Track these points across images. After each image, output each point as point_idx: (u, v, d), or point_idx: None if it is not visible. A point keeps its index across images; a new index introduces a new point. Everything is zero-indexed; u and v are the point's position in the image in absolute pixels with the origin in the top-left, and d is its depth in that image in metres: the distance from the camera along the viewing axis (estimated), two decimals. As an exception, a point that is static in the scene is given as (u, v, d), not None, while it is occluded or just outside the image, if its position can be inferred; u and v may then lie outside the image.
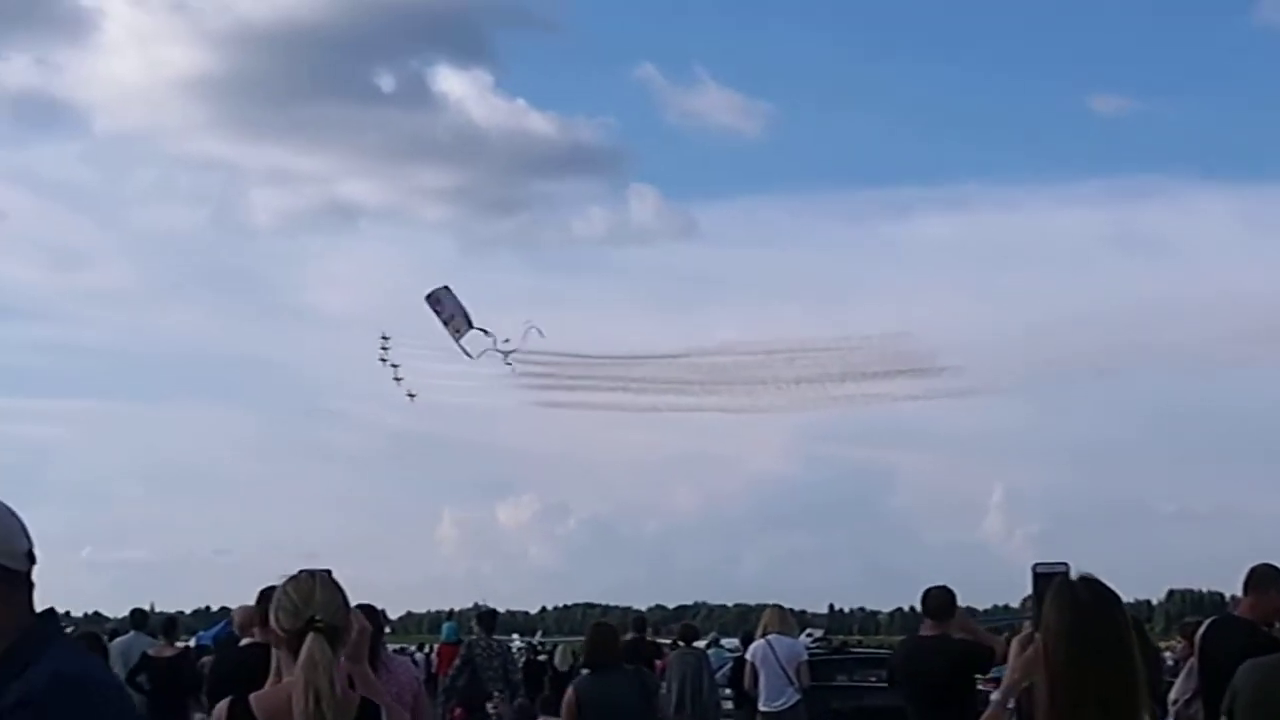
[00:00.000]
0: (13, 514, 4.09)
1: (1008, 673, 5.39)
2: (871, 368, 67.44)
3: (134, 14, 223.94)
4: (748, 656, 21.10)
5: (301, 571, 6.32)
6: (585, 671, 14.63)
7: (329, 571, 6.33)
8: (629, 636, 26.58)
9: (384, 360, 61.66)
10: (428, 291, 56.43)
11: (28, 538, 4.11)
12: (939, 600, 14.13)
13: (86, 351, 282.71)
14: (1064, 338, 75.14)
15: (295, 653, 6.04)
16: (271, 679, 6.32)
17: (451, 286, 56.38)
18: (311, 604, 6.11)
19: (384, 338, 62.25)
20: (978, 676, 14.30)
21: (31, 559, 4.10)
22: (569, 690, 14.34)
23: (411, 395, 62.39)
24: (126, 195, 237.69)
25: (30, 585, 4.10)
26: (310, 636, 6.00)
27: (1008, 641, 7.70)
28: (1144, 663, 5.18)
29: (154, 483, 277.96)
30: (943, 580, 14.39)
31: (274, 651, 6.36)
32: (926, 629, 14.13)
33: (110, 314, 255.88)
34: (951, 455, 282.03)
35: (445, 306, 55.66)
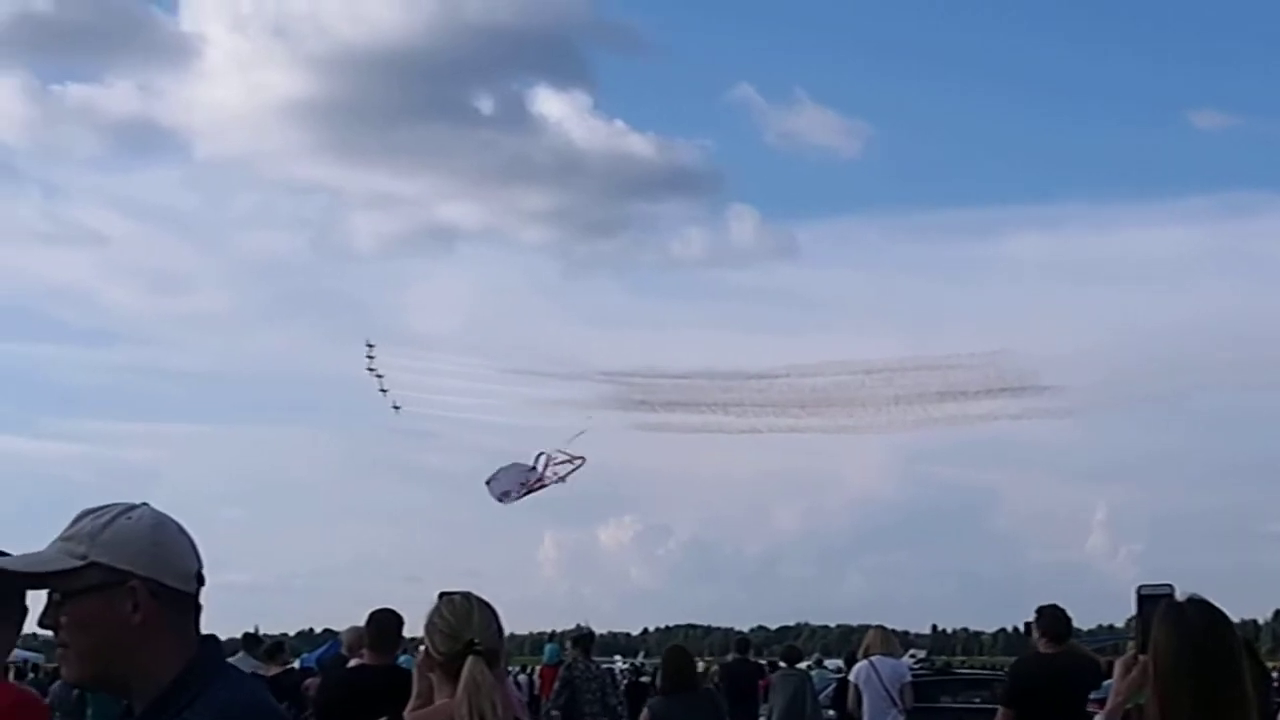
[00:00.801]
0: (183, 532, 4.03)
1: (1112, 694, 5.36)
2: (971, 387, 67.15)
3: (234, 40, 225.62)
4: (850, 678, 20.99)
5: (455, 594, 6.25)
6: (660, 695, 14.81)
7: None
8: (731, 657, 26.61)
9: (371, 370, 61.74)
10: (498, 497, 53.62)
11: (198, 558, 4.05)
12: (1061, 619, 14.08)
13: (188, 375, 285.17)
14: (1165, 355, 74.72)
15: (451, 676, 6.00)
16: (414, 701, 6.28)
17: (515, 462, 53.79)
18: (470, 627, 6.05)
19: (369, 345, 62.26)
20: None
21: (200, 580, 4.04)
22: (644, 712, 14.54)
23: (396, 407, 62.47)
24: (227, 220, 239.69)
25: (198, 608, 4.04)
26: (471, 660, 5.96)
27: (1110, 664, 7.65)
28: (1255, 684, 5.14)
29: (255, 506, 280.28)
30: (1047, 599, 14.33)
31: (417, 672, 6.31)
32: (1046, 647, 14.03)
33: (211, 338, 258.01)
34: (1053, 474, 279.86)
35: (532, 477, 54.14)
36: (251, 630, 25.53)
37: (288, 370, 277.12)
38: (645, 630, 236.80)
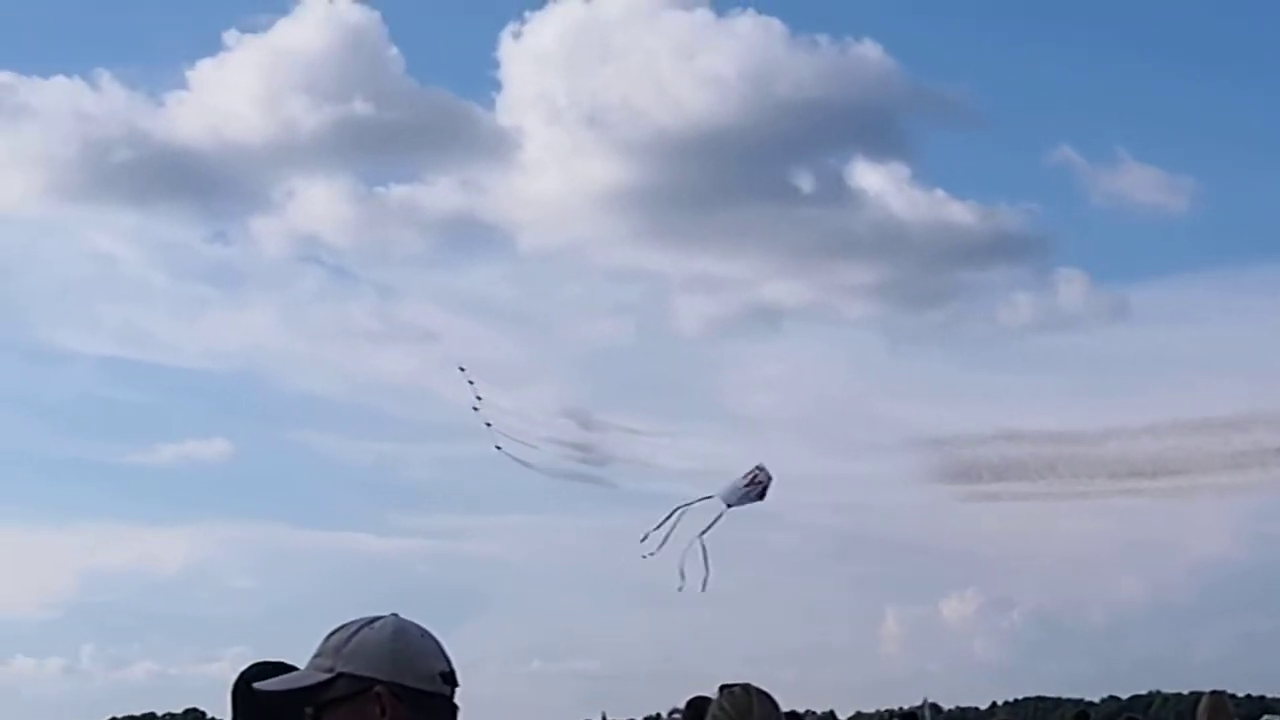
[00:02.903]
0: (427, 635, 4.20)
1: None
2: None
3: (551, 132, 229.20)
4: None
5: (736, 686, 6.40)
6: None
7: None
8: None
9: (477, 403, 60.40)
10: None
11: (445, 660, 4.22)
12: None
13: (528, 469, 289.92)
14: None
15: None
16: None
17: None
18: (750, 719, 6.19)
19: (462, 369, 60.84)
20: None
21: (449, 681, 4.20)
22: None
23: (498, 447, 61.34)
24: (553, 310, 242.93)
25: (451, 709, 4.21)
26: None
27: None
28: None
29: (598, 593, 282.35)
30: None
31: None
32: None
33: (544, 429, 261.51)
34: None
35: None
36: (598, 718, 26.20)
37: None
38: (994, 704, 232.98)
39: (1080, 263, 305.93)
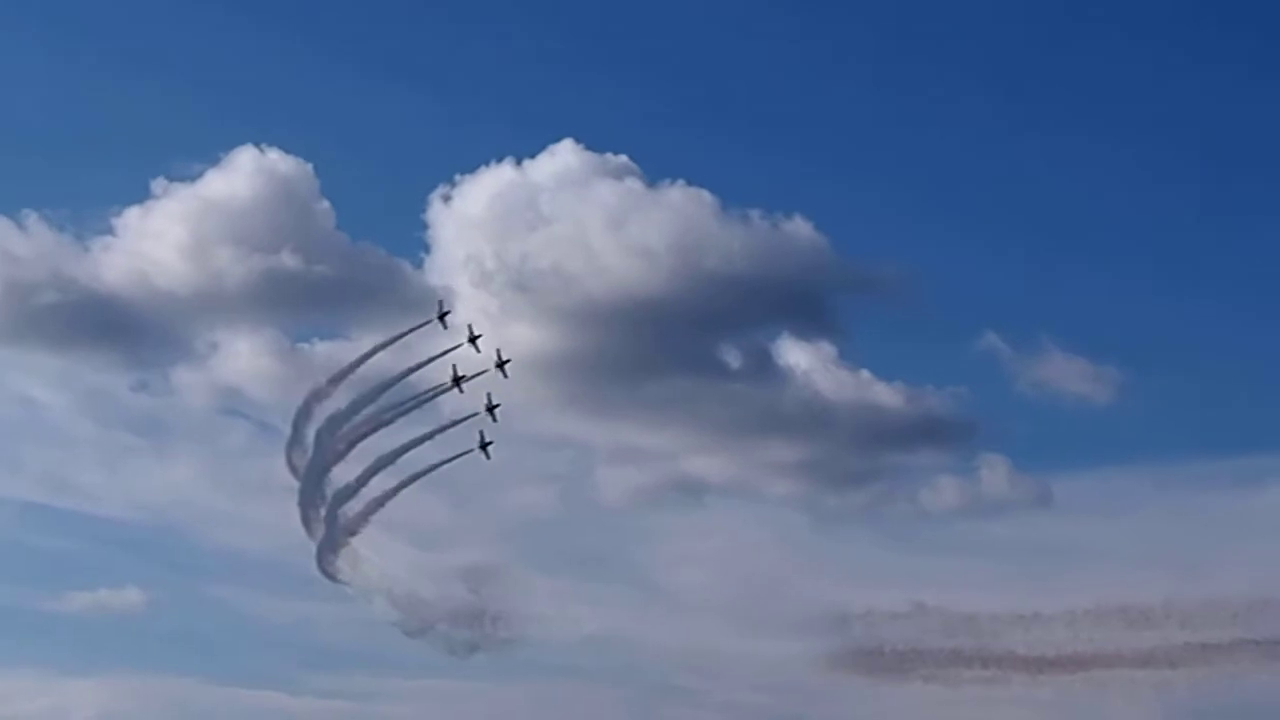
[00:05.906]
0: None
1: None
2: (1228, 637, 65.28)
3: (478, 294, 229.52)
4: None
5: None
6: None
7: None
8: None
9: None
10: None
11: None
12: None
13: (415, 640, 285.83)
14: None
15: None
16: None
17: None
18: None
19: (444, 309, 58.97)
20: None
21: None
22: None
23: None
24: (478, 476, 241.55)
25: None
26: None
27: None
28: None
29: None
30: None
31: None
32: None
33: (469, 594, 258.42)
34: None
35: None
36: None
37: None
38: None
39: (1005, 449, 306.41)
